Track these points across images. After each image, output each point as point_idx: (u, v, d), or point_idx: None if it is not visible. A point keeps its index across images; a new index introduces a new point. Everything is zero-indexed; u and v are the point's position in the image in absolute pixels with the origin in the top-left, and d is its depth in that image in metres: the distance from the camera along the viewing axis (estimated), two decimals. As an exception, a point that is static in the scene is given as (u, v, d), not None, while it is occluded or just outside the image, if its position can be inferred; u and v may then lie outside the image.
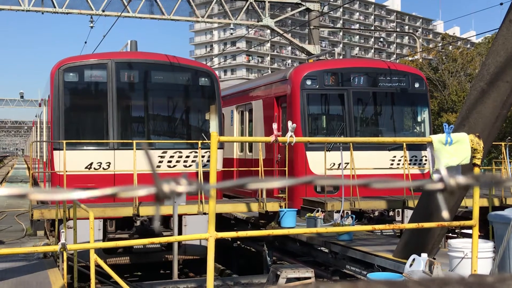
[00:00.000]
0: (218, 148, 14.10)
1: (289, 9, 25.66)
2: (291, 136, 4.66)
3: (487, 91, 8.82)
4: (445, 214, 1.30)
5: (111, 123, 13.84)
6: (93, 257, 7.17)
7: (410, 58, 54.85)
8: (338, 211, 13.07)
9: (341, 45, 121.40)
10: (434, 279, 0.61)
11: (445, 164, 6.08)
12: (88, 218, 7.77)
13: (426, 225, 6.74)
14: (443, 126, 6.24)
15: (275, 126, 4.91)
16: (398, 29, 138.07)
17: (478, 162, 6.36)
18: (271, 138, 4.74)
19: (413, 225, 6.54)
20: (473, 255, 6.42)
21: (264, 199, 13.06)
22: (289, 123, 4.71)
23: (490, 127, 8.88)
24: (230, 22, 24.17)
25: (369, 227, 7.54)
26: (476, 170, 6.37)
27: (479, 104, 8.87)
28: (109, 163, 13.54)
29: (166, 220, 13.52)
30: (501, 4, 18.06)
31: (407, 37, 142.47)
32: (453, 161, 6.11)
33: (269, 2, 24.17)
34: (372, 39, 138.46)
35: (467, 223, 6.67)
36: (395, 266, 9.31)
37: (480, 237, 11.92)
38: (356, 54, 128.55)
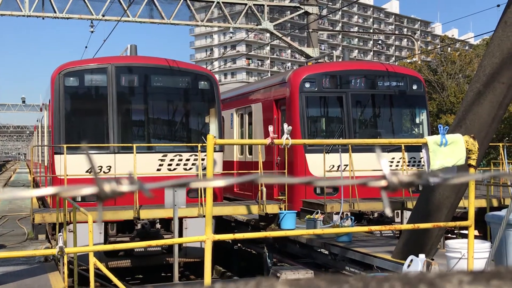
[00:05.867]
0: (218, 151, 14.29)
1: (288, 12, 25.75)
2: (287, 138, 4.74)
3: (483, 93, 8.90)
4: (387, 211, 1.41)
5: (112, 127, 13.91)
6: (92, 260, 7.24)
7: (408, 61, 54.98)
8: (337, 213, 13.14)
9: (340, 48, 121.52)
10: (373, 277, 0.68)
11: (440, 165, 6.16)
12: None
13: (422, 226, 6.81)
14: (438, 127, 6.32)
15: (271, 128, 4.99)
16: (396, 32, 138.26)
17: (473, 163, 6.43)
18: (267, 141, 4.82)
19: (409, 226, 6.61)
20: (469, 255, 6.49)
21: (264, 201, 13.13)
22: (285, 126, 4.79)
23: (487, 128, 8.95)
24: (230, 26, 24.27)
25: (366, 229, 7.61)
26: (472, 170, 6.44)
27: (476, 106, 8.95)
28: (110, 166, 13.62)
29: (167, 223, 13.59)
30: (498, 6, 18.17)
31: (405, 40, 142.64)
32: (448, 162, 6.18)
33: (268, 5, 24.27)
34: (371, 42, 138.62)
35: (463, 223, 6.73)
36: (394, 267, 9.38)
37: (479, 237, 11.98)
38: (355, 56, 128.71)
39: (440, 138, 6.17)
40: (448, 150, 6.18)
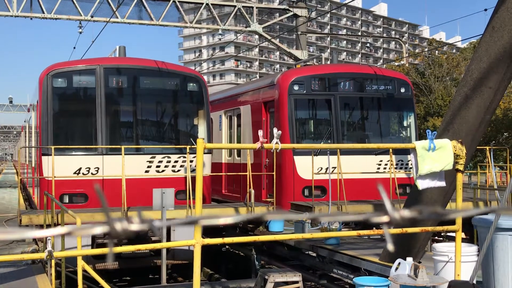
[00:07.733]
0: (207, 153, 14.27)
1: (277, 14, 25.82)
2: (276, 143, 4.75)
3: (470, 97, 8.97)
4: (390, 246, 1.41)
5: (100, 128, 13.87)
6: (81, 263, 7.21)
7: (396, 63, 55.25)
8: (325, 216, 13.16)
9: (328, 50, 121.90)
10: None
11: (428, 170, 6.21)
12: (76, 224, 7.81)
13: (410, 230, 6.86)
14: (426, 132, 6.37)
15: (260, 133, 4.99)
16: (385, 35, 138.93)
17: (461, 167, 6.49)
18: (257, 145, 4.83)
19: (397, 230, 6.66)
20: (456, 259, 6.54)
21: (252, 204, 13.14)
22: (275, 130, 4.80)
23: (474, 132, 9.02)
24: (219, 27, 24.25)
25: (355, 233, 7.64)
26: (459, 175, 6.50)
27: (463, 110, 9.02)
28: (98, 168, 13.57)
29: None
30: (485, 10, 18.32)
31: (393, 42, 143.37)
32: (436, 167, 6.23)
33: (257, 8, 24.31)
34: (359, 44, 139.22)
35: (450, 227, 6.79)
36: (381, 270, 9.42)
37: (466, 240, 12.05)
38: (343, 59, 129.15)
39: (428, 143, 6.22)
40: (436, 155, 6.23)
